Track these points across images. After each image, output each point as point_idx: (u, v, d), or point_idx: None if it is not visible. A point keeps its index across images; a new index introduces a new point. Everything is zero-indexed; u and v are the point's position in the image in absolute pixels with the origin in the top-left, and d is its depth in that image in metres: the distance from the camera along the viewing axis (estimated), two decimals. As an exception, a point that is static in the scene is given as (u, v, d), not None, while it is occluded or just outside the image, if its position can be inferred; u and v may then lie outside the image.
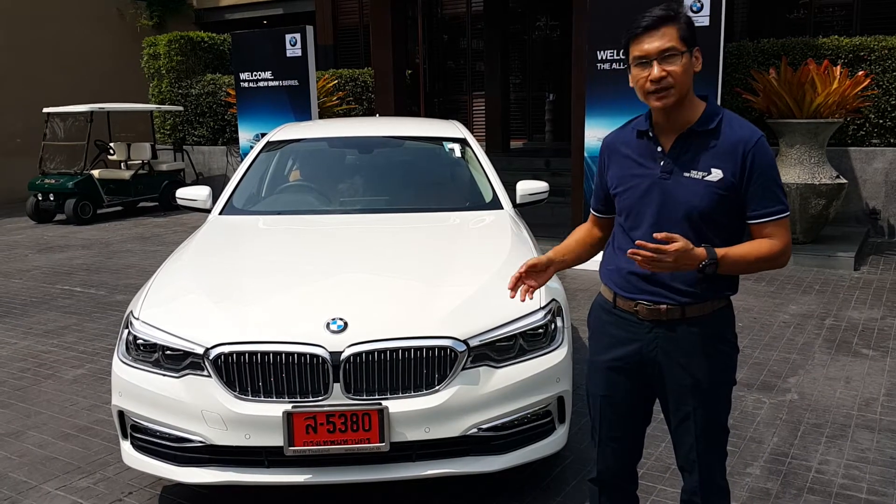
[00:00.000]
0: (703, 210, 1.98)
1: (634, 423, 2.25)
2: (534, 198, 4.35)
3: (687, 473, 2.18)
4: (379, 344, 2.71)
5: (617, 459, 2.29)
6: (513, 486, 3.18)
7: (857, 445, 3.53)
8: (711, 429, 2.11)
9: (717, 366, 2.08)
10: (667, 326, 2.06)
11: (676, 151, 2.02)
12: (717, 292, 2.05)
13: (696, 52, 1.98)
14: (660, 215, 2.02)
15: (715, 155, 1.98)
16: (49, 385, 4.58)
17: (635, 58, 1.98)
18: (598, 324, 2.23)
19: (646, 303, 2.06)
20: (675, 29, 1.94)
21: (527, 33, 15.84)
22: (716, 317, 2.07)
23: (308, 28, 9.95)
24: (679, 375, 2.08)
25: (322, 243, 3.76)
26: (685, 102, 2.00)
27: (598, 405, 2.24)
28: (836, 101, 7.34)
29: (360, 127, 5.24)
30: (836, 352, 4.85)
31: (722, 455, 2.16)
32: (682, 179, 2.00)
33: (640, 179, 2.06)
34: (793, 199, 7.42)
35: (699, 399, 2.08)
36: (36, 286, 7.29)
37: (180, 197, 4.47)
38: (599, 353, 2.22)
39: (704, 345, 2.06)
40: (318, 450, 2.65)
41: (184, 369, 2.79)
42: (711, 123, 2.00)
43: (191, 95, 13.70)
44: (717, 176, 1.96)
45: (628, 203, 2.09)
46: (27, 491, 3.28)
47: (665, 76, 1.94)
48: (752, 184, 1.96)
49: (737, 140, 1.97)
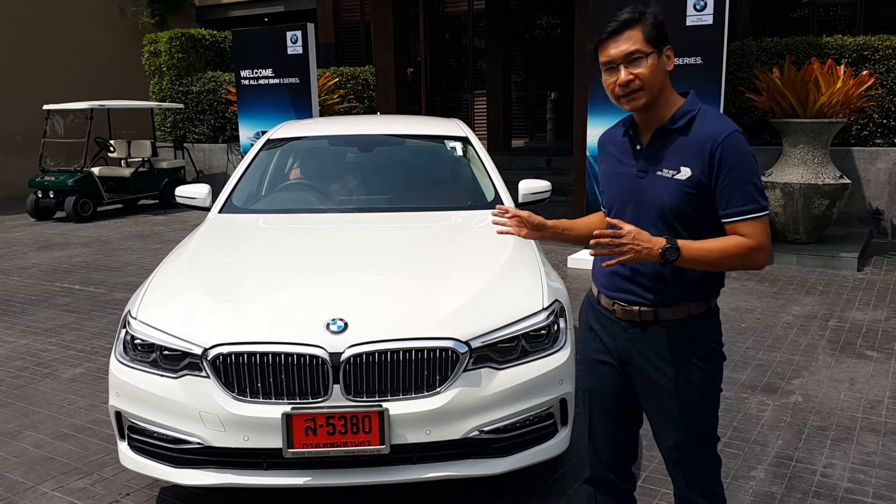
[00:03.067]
0: (674, 209, 1.97)
1: (623, 419, 2.24)
2: (536, 197, 4.31)
3: (673, 476, 2.17)
4: (379, 345, 2.67)
5: (609, 457, 2.27)
6: (514, 489, 3.14)
7: (863, 449, 3.50)
8: (691, 435, 2.07)
9: (693, 372, 2.04)
10: (640, 328, 2.07)
11: (651, 150, 2.03)
12: (692, 295, 2.02)
13: (666, 51, 1.97)
14: (637, 213, 2.02)
15: (684, 153, 1.97)
16: (47, 384, 4.55)
17: (603, 63, 2.00)
18: (586, 319, 2.26)
19: (623, 303, 2.08)
20: (639, 31, 1.94)
21: (528, 31, 15.81)
22: (692, 322, 2.03)
23: (309, 26, 9.92)
24: (654, 377, 2.07)
25: (322, 242, 3.72)
26: (660, 102, 2.00)
27: (588, 399, 2.27)
28: (840, 100, 7.30)
29: (362, 125, 5.21)
30: (840, 353, 4.81)
31: (710, 461, 2.12)
32: (655, 178, 2.01)
33: (620, 177, 2.09)
34: (796, 200, 7.38)
35: (675, 404, 2.05)
36: (35, 284, 7.26)
37: (180, 195, 4.43)
38: (587, 347, 2.25)
39: (678, 349, 2.03)
40: (317, 452, 2.62)
41: (182, 370, 2.75)
42: (682, 121, 2.00)
43: (191, 93, 13.66)
44: (685, 174, 1.95)
45: (610, 200, 2.13)
46: (23, 492, 3.25)
47: (632, 80, 1.94)
48: (722, 181, 1.92)
49: (706, 137, 1.95)
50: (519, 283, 3.12)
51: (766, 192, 7.54)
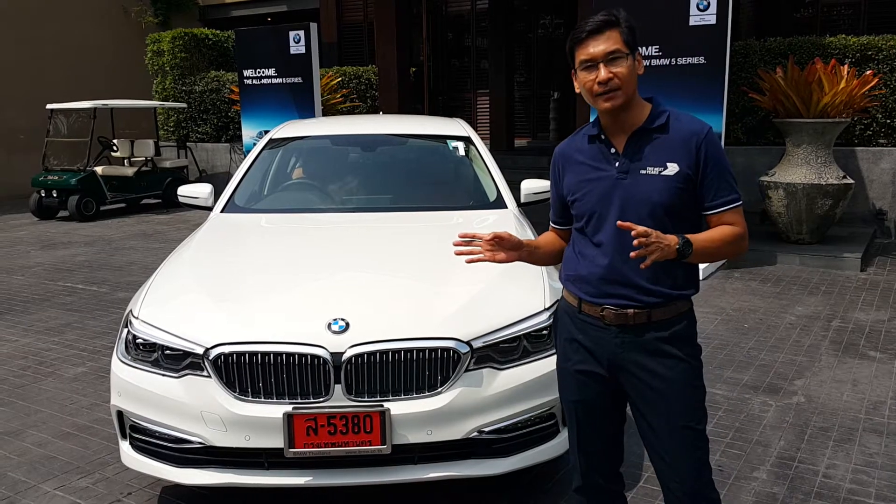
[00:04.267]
0: (665, 204, 2.02)
1: (612, 424, 2.24)
2: (538, 197, 4.30)
3: (667, 483, 2.12)
4: (381, 345, 2.67)
5: (600, 463, 2.27)
6: (515, 490, 3.14)
7: (865, 450, 3.49)
8: (687, 435, 2.07)
9: (686, 369, 2.06)
10: (633, 331, 2.06)
11: (630, 150, 2.07)
12: (681, 291, 2.07)
13: (637, 56, 2.05)
14: (622, 214, 2.03)
15: (668, 149, 2.04)
16: (49, 383, 4.56)
17: (581, 61, 2.04)
18: (564, 330, 2.23)
19: (612, 307, 2.06)
20: (617, 33, 2.01)
21: (531, 31, 15.79)
22: (681, 319, 2.08)
23: (312, 25, 9.92)
24: (647, 379, 2.06)
25: (324, 242, 3.72)
26: (632, 104, 2.06)
27: (573, 411, 2.24)
28: (844, 100, 7.28)
29: (364, 125, 5.21)
30: (842, 354, 4.80)
31: (705, 463, 2.11)
32: (639, 177, 2.04)
33: (596, 183, 2.09)
34: (799, 200, 7.37)
35: (670, 404, 2.05)
36: (38, 283, 7.27)
37: (182, 194, 4.44)
38: (568, 358, 2.21)
39: (671, 348, 2.05)
40: (318, 452, 2.62)
41: (183, 369, 2.75)
42: (660, 120, 2.06)
43: (194, 92, 13.68)
44: (673, 169, 2.02)
45: (587, 207, 2.10)
46: (26, 490, 3.26)
47: (612, 77, 1.99)
48: (708, 174, 2.03)
49: (688, 133, 2.04)
50: (520, 283, 3.11)
51: (770, 191, 7.56)
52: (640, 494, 3.12)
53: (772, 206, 7.64)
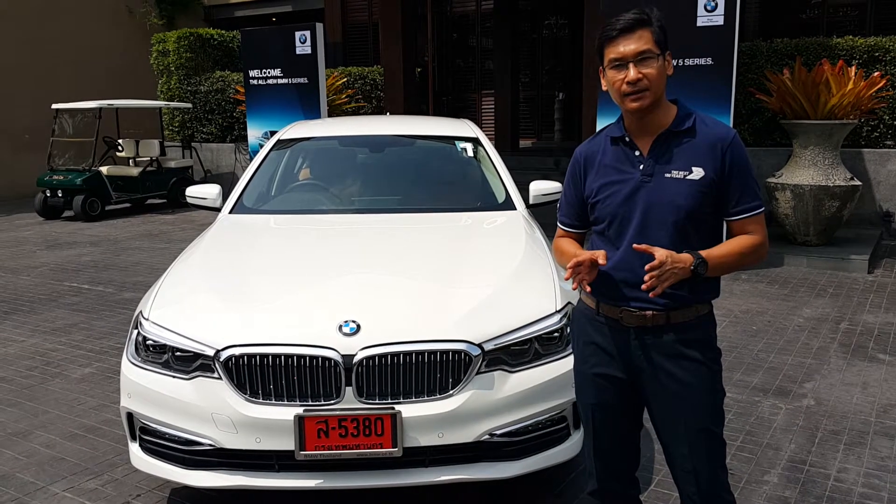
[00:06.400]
0: (689, 209, 1.99)
1: (629, 427, 2.23)
2: (547, 198, 4.29)
3: (684, 486, 2.11)
4: (392, 347, 2.65)
5: (616, 467, 2.25)
6: (526, 493, 3.13)
7: (877, 453, 3.47)
8: (706, 438, 2.06)
9: (705, 372, 2.05)
10: (652, 333, 2.05)
11: (655, 153, 2.04)
12: (700, 296, 2.05)
13: (668, 57, 2.01)
14: (646, 218, 2.01)
15: (694, 154, 2.01)
16: (56, 384, 4.55)
17: (611, 60, 2.00)
18: (582, 332, 2.21)
19: (631, 309, 2.05)
20: (649, 32, 1.97)
21: (536, 31, 15.79)
22: (700, 322, 2.06)
23: (318, 25, 9.92)
24: (665, 382, 2.05)
25: (333, 243, 3.71)
26: (659, 106, 2.03)
27: (590, 414, 2.22)
28: (851, 102, 7.25)
29: (371, 125, 5.20)
30: (851, 356, 4.78)
31: (722, 467, 2.10)
32: (664, 181, 2.01)
33: (620, 185, 2.06)
34: (806, 201, 7.35)
35: (689, 407, 2.04)
36: (43, 283, 7.28)
37: (190, 195, 4.43)
38: (585, 361, 2.20)
39: (690, 351, 2.04)
40: (329, 454, 2.61)
41: (194, 371, 2.75)
42: (687, 123, 2.03)
43: (200, 92, 13.68)
44: (699, 174, 1.99)
45: (610, 210, 2.08)
46: (34, 492, 3.25)
47: (641, 78, 1.96)
48: (733, 180, 2.00)
49: (714, 138, 2.01)
50: (532, 285, 3.10)
51: (777, 193, 7.54)
52: (651, 497, 3.11)
53: (779, 207, 7.62)
